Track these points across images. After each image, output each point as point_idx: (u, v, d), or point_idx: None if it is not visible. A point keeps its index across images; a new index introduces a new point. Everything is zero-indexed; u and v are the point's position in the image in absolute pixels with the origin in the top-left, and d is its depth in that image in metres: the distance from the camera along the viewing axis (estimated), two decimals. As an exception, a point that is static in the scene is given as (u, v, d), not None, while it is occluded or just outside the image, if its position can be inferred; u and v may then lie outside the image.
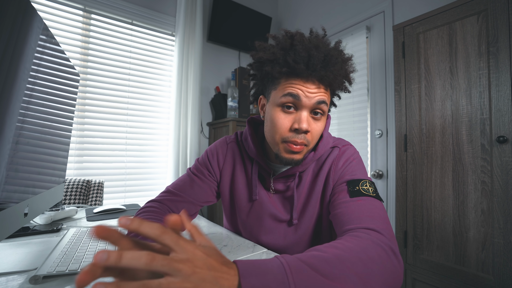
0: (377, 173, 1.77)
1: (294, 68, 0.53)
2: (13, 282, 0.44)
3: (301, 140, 0.56)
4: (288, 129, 0.56)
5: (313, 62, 0.53)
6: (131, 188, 1.90)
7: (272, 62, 0.57)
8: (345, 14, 2.05)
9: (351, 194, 0.55)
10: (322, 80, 0.55)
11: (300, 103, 0.55)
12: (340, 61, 0.56)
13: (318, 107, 0.56)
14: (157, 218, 0.59)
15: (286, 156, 0.58)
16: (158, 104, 2.05)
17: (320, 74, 0.54)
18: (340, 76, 0.57)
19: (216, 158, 0.72)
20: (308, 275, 0.34)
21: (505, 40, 1.18)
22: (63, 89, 0.64)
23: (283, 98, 0.55)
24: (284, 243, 0.67)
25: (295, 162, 0.59)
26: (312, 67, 0.53)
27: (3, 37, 0.35)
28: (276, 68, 0.55)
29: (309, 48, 0.54)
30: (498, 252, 1.18)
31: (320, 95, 0.55)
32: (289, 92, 0.55)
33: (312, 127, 0.57)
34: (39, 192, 0.54)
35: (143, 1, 1.97)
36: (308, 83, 0.55)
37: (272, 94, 0.59)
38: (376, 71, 1.83)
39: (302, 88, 0.54)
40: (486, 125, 1.24)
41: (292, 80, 0.55)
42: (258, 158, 0.66)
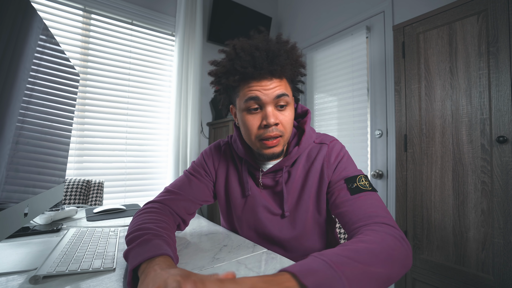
0: (377, 173, 1.77)
1: (244, 73, 0.58)
2: (13, 282, 0.44)
3: (274, 133, 0.60)
4: (258, 127, 0.61)
5: (258, 61, 0.57)
6: (131, 188, 1.90)
7: (226, 74, 0.62)
8: (345, 14, 2.05)
9: (351, 192, 0.59)
10: (273, 74, 0.59)
11: (261, 102, 0.59)
12: (283, 52, 0.60)
13: (279, 100, 0.60)
14: (158, 218, 0.59)
15: (266, 152, 0.63)
16: (158, 104, 2.05)
17: (269, 69, 0.58)
18: (289, 65, 0.61)
19: (211, 159, 0.76)
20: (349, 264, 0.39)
21: (505, 40, 1.18)
22: (63, 89, 0.64)
23: (246, 103, 0.60)
24: (281, 236, 0.68)
25: (277, 155, 0.63)
26: (259, 66, 0.57)
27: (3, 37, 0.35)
28: (230, 78, 0.61)
29: (250, 51, 0.59)
30: (498, 252, 1.18)
31: (277, 88, 0.59)
32: (249, 96, 0.59)
33: (280, 119, 0.61)
34: (39, 192, 0.54)
35: (143, 1, 1.97)
36: (262, 82, 0.59)
37: (237, 102, 0.64)
38: (376, 71, 1.83)
39: (258, 88, 0.59)
40: (486, 125, 1.24)
41: (248, 84, 0.60)
42: (246, 156, 0.69)
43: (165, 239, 0.50)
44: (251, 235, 0.73)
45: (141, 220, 0.57)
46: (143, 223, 0.55)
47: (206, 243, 0.66)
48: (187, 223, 0.72)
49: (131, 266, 0.42)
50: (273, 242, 0.70)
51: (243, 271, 0.49)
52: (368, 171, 1.82)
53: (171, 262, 0.43)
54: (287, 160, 0.66)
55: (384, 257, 0.43)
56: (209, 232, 0.76)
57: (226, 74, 0.62)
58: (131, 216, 0.95)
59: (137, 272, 0.43)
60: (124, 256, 0.47)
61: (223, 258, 0.56)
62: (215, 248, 0.62)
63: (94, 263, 0.50)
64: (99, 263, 0.50)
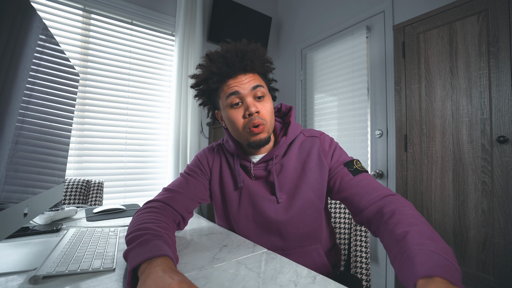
0: (377, 173, 1.77)
1: (220, 73, 0.67)
2: (12, 283, 0.44)
3: (257, 120, 0.66)
4: (242, 117, 0.68)
5: (230, 60, 0.67)
6: (131, 188, 1.90)
7: (205, 80, 0.71)
8: (345, 14, 2.05)
9: (353, 173, 0.66)
10: (245, 69, 0.68)
11: (241, 95, 0.67)
12: (250, 50, 0.69)
13: (256, 91, 0.68)
14: (158, 218, 0.59)
15: (254, 139, 0.68)
16: (158, 104, 2.05)
17: (240, 65, 0.67)
18: (257, 60, 0.69)
19: (205, 159, 0.80)
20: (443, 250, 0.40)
21: (506, 40, 1.18)
22: (63, 89, 0.63)
23: (228, 100, 0.68)
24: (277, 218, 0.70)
25: (265, 141, 0.69)
26: (232, 64, 0.67)
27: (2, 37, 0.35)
28: (209, 82, 0.70)
29: (222, 54, 0.69)
30: (499, 252, 1.18)
31: (252, 81, 0.68)
32: (229, 93, 0.67)
33: (260, 107, 0.68)
34: (38, 192, 0.54)
35: (143, 1, 1.97)
36: (238, 78, 0.68)
37: (220, 103, 0.72)
38: (376, 71, 1.83)
39: (236, 84, 0.67)
40: (487, 125, 1.24)
41: (226, 83, 0.69)
42: (237, 151, 0.75)
43: (165, 239, 0.50)
44: (249, 227, 0.74)
45: (141, 219, 0.57)
46: (143, 222, 0.55)
47: (206, 243, 0.66)
48: (187, 222, 0.73)
49: (130, 266, 0.42)
50: (271, 230, 0.71)
51: (243, 271, 0.49)
52: (368, 171, 1.82)
53: (172, 263, 0.43)
54: (277, 150, 0.71)
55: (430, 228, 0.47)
56: (209, 232, 0.76)
57: (206, 80, 0.71)
58: (131, 216, 0.95)
59: (136, 272, 0.43)
60: (124, 256, 0.47)
61: (223, 258, 0.56)
62: (215, 248, 0.62)
63: (93, 263, 0.50)
64: (98, 263, 0.50)
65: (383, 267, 1.73)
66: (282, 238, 0.71)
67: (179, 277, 0.37)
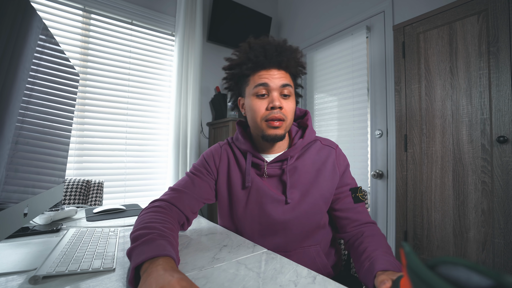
0: (377, 173, 1.77)
1: (256, 61, 0.69)
2: (12, 283, 0.44)
3: (278, 114, 0.68)
4: (265, 109, 0.69)
5: (269, 52, 0.68)
6: (131, 188, 1.90)
7: (239, 65, 0.72)
8: (345, 14, 2.05)
9: (354, 200, 0.74)
10: (280, 65, 0.69)
11: (269, 87, 0.68)
12: (289, 49, 0.71)
13: (284, 89, 0.69)
14: (164, 219, 0.59)
15: (270, 132, 0.69)
16: (158, 104, 2.05)
17: (277, 60, 0.68)
18: (293, 61, 0.71)
19: (212, 158, 0.80)
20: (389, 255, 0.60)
21: (506, 40, 1.18)
22: (63, 89, 0.63)
23: (256, 89, 0.69)
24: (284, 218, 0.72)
25: (279, 137, 0.70)
26: (269, 56, 0.68)
27: (2, 37, 0.35)
28: (243, 67, 0.71)
29: (263, 45, 0.70)
30: (499, 253, 1.18)
31: (283, 79, 0.69)
32: (259, 83, 0.69)
33: (284, 105, 0.69)
34: (38, 192, 0.54)
35: (143, 1, 1.97)
36: (270, 71, 0.69)
37: (247, 90, 0.73)
38: (376, 71, 1.83)
39: (267, 76, 0.69)
40: (487, 125, 1.24)
41: (258, 73, 0.70)
42: (250, 149, 0.75)
43: (169, 240, 0.51)
44: (254, 228, 0.74)
45: (147, 218, 0.58)
46: (150, 222, 0.56)
47: (206, 243, 0.66)
48: (191, 222, 0.73)
49: (134, 263, 0.42)
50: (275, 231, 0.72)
51: (243, 271, 0.49)
52: (368, 171, 1.82)
53: (173, 263, 0.44)
54: (292, 150, 0.73)
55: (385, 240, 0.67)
56: (209, 232, 0.76)
57: (240, 64, 0.72)
58: (131, 216, 0.95)
59: (139, 271, 0.43)
60: (128, 253, 0.48)
61: (223, 258, 0.56)
62: (215, 248, 0.62)
63: (93, 263, 0.50)
64: (98, 263, 0.50)
65: (383, 267, 1.72)
66: (285, 239, 0.72)
67: (179, 275, 0.38)
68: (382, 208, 1.75)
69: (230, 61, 0.75)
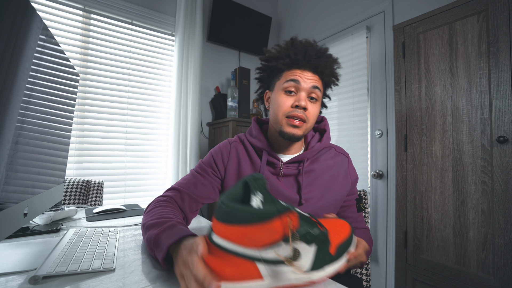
0: (377, 173, 1.77)
1: (295, 59, 0.69)
2: (12, 283, 0.44)
3: (300, 114, 0.68)
4: (290, 106, 0.69)
5: (309, 54, 0.69)
6: (131, 188, 1.90)
7: (276, 58, 0.72)
8: (345, 14, 2.05)
9: (358, 210, 0.81)
10: (316, 69, 0.70)
11: (300, 86, 0.69)
12: (328, 57, 0.71)
13: (313, 92, 0.70)
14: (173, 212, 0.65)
15: (288, 130, 0.69)
16: (158, 104, 2.05)
17: (315, 64, 0.69)
18: (329, 69, 0.71)
19: (220, 156, 0.79)
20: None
21: (506, 40, 1.18)
22: (63, 89, 0.63)
23: (286, 84, 0.70)
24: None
25: (296, 137, 0.70)
26: (308, 58, 0.69)
27: (2, 37, 0.35)
28: (280, 61, 0.71)
29: (305, 45, 0.71)
30: (499, 253, 1.18)
31: (315, 81, 0.70)
32: (291, 78, 0.69)
33: (309, 107, 0.69)
34: (38, 192, 0.54)
35: (143, 1, 1.97)
36: (305, 72, 0.70)
37: (276, 84, 0.73)
38: (376, 71, 1.83)
39: (301, 75, 0.69)
40: (487, 125, 1.24)
41: (293, 70, 0.70)
42: (267, 147, 0.75)
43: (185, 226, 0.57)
44: None
45: (160, 211, 0.63)
46: (164, 213, 0.62)
47: (206, 243, 0.66)
48: (189, 222, 0.75)
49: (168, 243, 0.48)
50: None
51: (243, 271, 0.49)
52: (368, 171, 1.82)
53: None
54: (310, 153, 0.74)
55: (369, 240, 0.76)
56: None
57: (278, 58, 0.72)
58: (131, 216, 0.95)
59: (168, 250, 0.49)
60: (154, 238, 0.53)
61: (223, 258, 0.56)
62: (215, 248, 0.62)
63: (93, 263, 0.50)
64: (98, 263, 0.50)
65: (383, 267, 1.73)
66: None
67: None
68: (382, 208, 1.75)
69: (269, 53, 0.75)
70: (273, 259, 0.39)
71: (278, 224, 0.38)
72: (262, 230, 0.37)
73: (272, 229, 0.38)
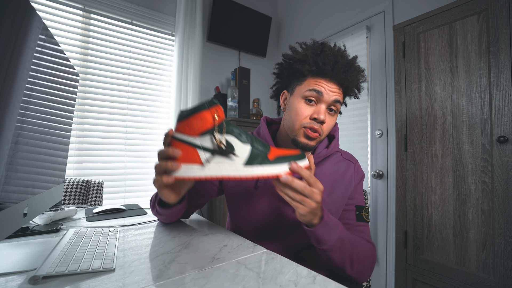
0: (377, 173, 1.77)
1: (322, 69, 0.65)
2: (12, 283, 0.44)
3: (317, 127, 0.66)
4: (308, 117, 0.67)
5: (338, 66, 0.65)
6: (131, 188, 1.90)
7: (302, 62, 0.68)
8: (345, 14, 2.05)
9: (357, 218, 0.74)
10: (342, 82, 0.67)
11: (322, 98, 0.66)
12: (357, 72, 0.69)
13: (334, 105, 0.67)
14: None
15: (303, 140, 0.68)
16: (158, 104, 2.05)
17: (342, 77, 0.66)
18: (355, 83, 0.69)
19: None
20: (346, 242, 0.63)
21: (506, 40, 1.18)
22: (63, 89, 0.63)
23: (308, 92, 0.66)
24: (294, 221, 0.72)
25: (309, 148, 0.69)
26: (336, 70, 0.65)
27: (2, 37, 0.35)
28: (306, 66, 0.67)
29: (336, 55, 0.67)
30: (499, 253, 1.18)
31: (338, 95, 0.67)
32: (314, 88, 0.66)
33: (327, 120, 0.67)
34: (38, 192, 0.54)
35: (142, 1, 1.97)
36: (330, 83, 0.66)
37: (297, 89, 0.70)
38: (376, 71, 1.83)
39: (325, 86, 0.66)
40: (487, 125, 1.24)
41: (317, 79, 0.67)
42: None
43: None
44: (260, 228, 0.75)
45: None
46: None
47: (206, 243, 0.66)
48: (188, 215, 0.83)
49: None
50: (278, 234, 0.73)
51: (243, 271, 0.49)
52: (368, 171, 1.82)
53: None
54: (316, 158, 0.73)
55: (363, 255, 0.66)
56: (209, 232, 0.76)
57: (303, 62, 0.68)
58: (131, 216, 0.95)
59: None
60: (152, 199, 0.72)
61: (223, 258, 0.56)
62: (215, 248, 0.62)
63: (93, 263, 0.50)
64: (98, 263, 0.50)
65: (383, 267, 1.73)
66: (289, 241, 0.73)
67: None
68: (382, 208, 1.75)
69: (294, 53, 0.71)
70: (210, 148, 0.50)
71: (207, 114, 0.50)
72: (196, 119, 0.50)
73: (203, 118, 0.50)
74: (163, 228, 0.77)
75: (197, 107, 0.51)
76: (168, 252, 0.58)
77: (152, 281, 0.45)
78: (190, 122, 0.50)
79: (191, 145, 0.51)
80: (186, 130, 0.51)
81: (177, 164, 0.50)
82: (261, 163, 0.51)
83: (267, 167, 0.52)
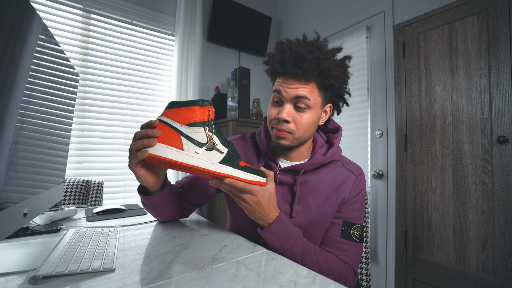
0: (377, 173, 1.77)
1: (274, 68, 0.66)
2: (12, 283, 0.44)
3: (281, 127, 0.66)
4: (273, 117, 0.68)
5: (285, 61, 0.63)
6: (131, 188, 1.90)
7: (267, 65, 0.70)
8: (345, 14, 2.05)
9: (342, 234, 0.69)
10: (296, 76, 0.63)
11: (282, 97, 0.65)
12: (313, 58, 0.62)
13: (298, 101, 0.64)
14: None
15: (275, 141, 0.69)
16: (157, 104, 2.05)
17: (292, 71, 0.62)
18: (314, 72, 0.62)
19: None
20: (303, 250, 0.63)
21: (506, 40, 1.18)
22: (63, 89, 0.63)
23: (272, 94, 0.69)
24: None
25: (282, 147, 0.68)
26: (285, 66, 0.63)
27: (2, 37, 0.35)
28: (267, 69, 0.70)
29: (284, 51, 0.65)
30: (499, 253, 1.18)
31: (299, 90, 0.63)
32: (275, 89, 0.67)
33: (294, 117, 0.65)
34: (38, 192, 0.54)
35: (142, 1, 1.97)
36: (289, 80, 0.64)
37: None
38: (376, 71, 1.83)
39: (283, 85, 0.65)
40: (487, 125, 1.24)
41: (278, 79, 0.67)
42: (267, 149, 0.73)
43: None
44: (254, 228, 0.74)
45: None
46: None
47: (206, 243, 0.66)
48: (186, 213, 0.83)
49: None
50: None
51: (243, 271, 0.49)
52: (368, 171, 1.82)
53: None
54: (308, 165, 0.69)
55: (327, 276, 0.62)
56: (209, 232, 0.76)
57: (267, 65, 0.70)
58: (131, 216, 0.95)
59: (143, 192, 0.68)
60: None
61: (223, 258, 0.56)
62: (215, 248, 0.62)
63: (93, 263, 0.50)
64: (98, 263, 0.50)
65: (383, 267, 1.73)
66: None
67: None
68: (382, 208, 1.75)
69: (268, 56, 0.70)
70: (194, 139, 0.54)
71: (200, 110, 0.55)
72: (188, 110, 0.54)
73: (193, 110, 0.54)
74: (163, 228, 0.77)
75: (192, 101, 0.54)
76: (168, 252, 0.58)
77: (152, 281, 0.45)
78: (182, 111, 0.54)
79: (176, 130, 0.53)
80: (174, 117, 0.53)
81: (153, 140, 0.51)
82: (233, 166, 0.57)
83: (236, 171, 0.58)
